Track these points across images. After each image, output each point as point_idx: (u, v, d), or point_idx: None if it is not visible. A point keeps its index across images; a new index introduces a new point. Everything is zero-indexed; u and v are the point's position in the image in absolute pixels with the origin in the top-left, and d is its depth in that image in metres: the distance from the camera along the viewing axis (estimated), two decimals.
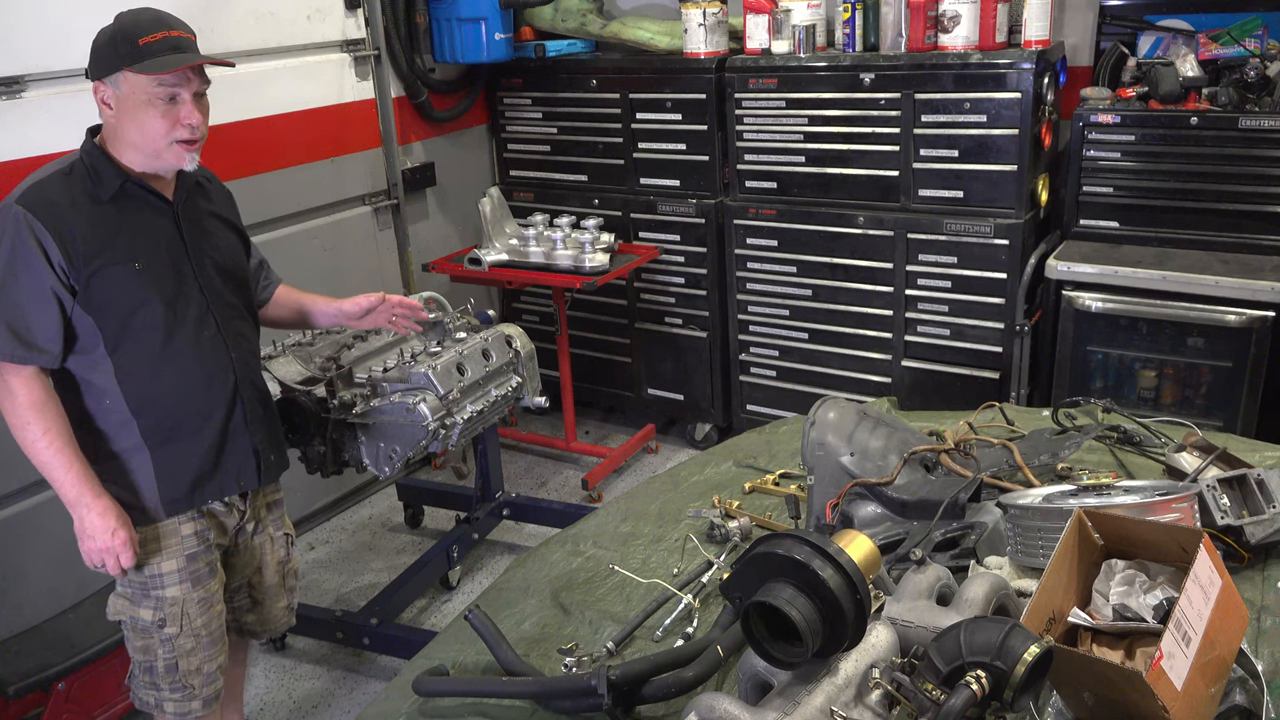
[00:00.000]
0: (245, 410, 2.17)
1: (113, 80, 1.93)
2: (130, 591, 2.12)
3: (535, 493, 4.20)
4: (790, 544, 1.27)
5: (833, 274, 3.94)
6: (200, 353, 2.09)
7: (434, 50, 4.26)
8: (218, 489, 2.16)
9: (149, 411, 2.04)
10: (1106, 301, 3.39)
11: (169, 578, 2.11)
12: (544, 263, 3.98)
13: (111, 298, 1.96)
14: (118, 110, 1.95)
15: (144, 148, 1.97)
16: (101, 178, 1.97)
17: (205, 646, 2.17)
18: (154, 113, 1.93)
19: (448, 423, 2.78)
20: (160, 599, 2.11)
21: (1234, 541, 1.68)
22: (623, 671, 1.46)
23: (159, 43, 1.92)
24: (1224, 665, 1.35)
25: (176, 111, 1.95)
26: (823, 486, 1.91)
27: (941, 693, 1.22)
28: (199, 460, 2.11)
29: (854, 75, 3.68)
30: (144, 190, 2.03)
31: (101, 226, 1.96)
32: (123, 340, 1.99)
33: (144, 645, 2.14)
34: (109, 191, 1.97)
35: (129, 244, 1.99)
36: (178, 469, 2.09)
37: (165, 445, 2.07)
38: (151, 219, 2.04)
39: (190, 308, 2.07)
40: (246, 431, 2.18)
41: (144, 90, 1.92)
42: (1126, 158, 3.43)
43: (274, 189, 3.68)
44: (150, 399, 2.04)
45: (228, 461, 2.16)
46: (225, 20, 3.44)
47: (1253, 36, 3.36)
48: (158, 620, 2.11)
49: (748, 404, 4.32)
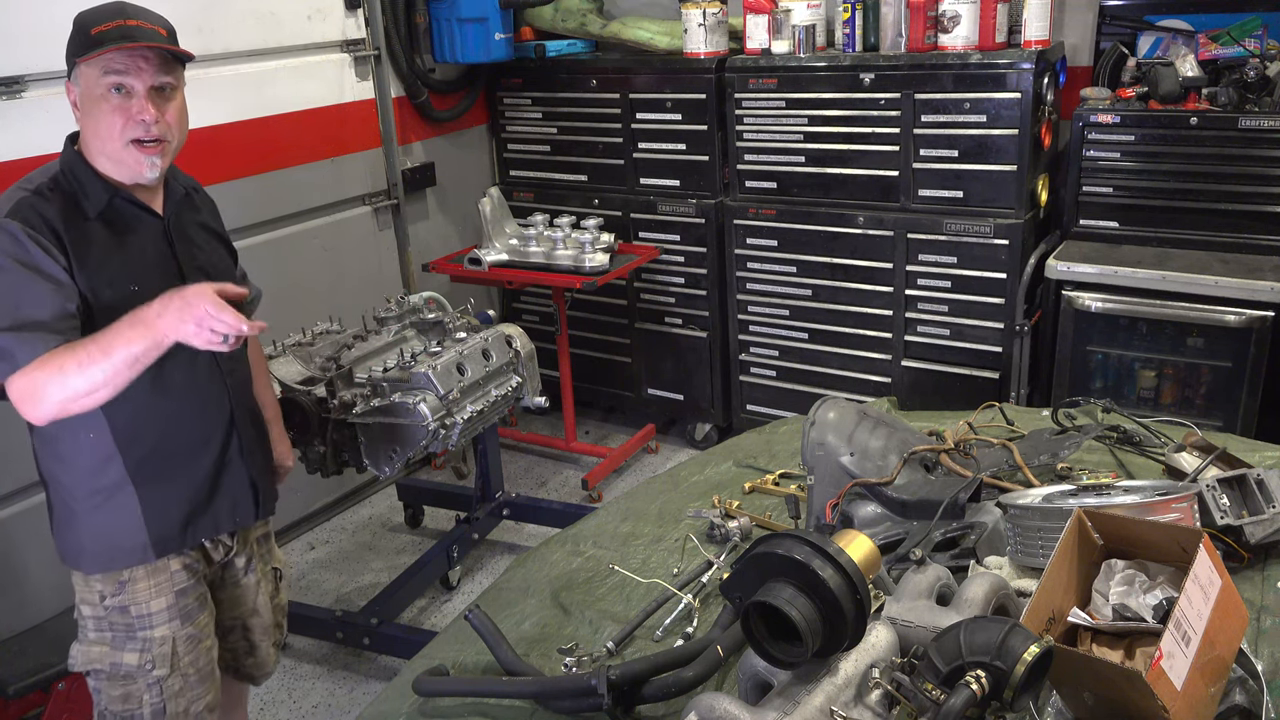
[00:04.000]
0: (241, 440, 2.02)
1: (74, 77, 1.79)
2: (111, 636, 1.94)
3: (535, 493, 4.20)
4: (790, 544, 1.27)
5: (833, 274, 3.94)
6: (194, 380, 1.93)
7: (434, 50, 4.26)
8: (211, 526, 2.00)
9: (138, 445, 1.88)
10: (1106, 301, 3.39)
11: (158, 617, 1.95)
12: (544, 263, 3.99)
13: (105, 322, 1.74)
14: (81, 110, 1.80)
15: (104, 150, 1.80)
16: (87, 191, 1.81)
17: (194, 685, 2.00)
18: (106, 107, 1.76)
19: (448, 423, 2.78)
20: (148, 640, 1.94)
21: (1234, 541, 1.68)
22: (623, 671, 1.45)
23: (111, 30, 1.74)
24: (1224, 665, 1.35)
25: (129, 106, 1.76)
26: (823, 486, 1.91)
27: (941, 693, 1.22)
28: (191, 496, 1.96)
29: (854, 75, 3.68)
30: (133, 205, 1.87)
31: (94, 246, 1.79)
32: None
33: (125, 694, 1.95)
34: (96, 207, 1.81)
35: (123, 265, 1.82)
36: (168, 506, 1.93)
37: (154, 481, 1.91)
38: (143, 236, 1.88)
39: None
40: (243, 462, 2.03)
41: (95, 83, 1.76)
42: (1126, 158, 3.43)
43: (274, 189, 3.68)
44: (140, 432, 1.87)
45: (223, 496, 2.01)
46: (225, 20, 3.44)
47: (1253, 36, 3.36)
48: (145, 663, 1.94)
49: (748, 404, 4.32)
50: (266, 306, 2.25)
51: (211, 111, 3.37)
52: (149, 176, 1.83)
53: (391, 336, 3.09)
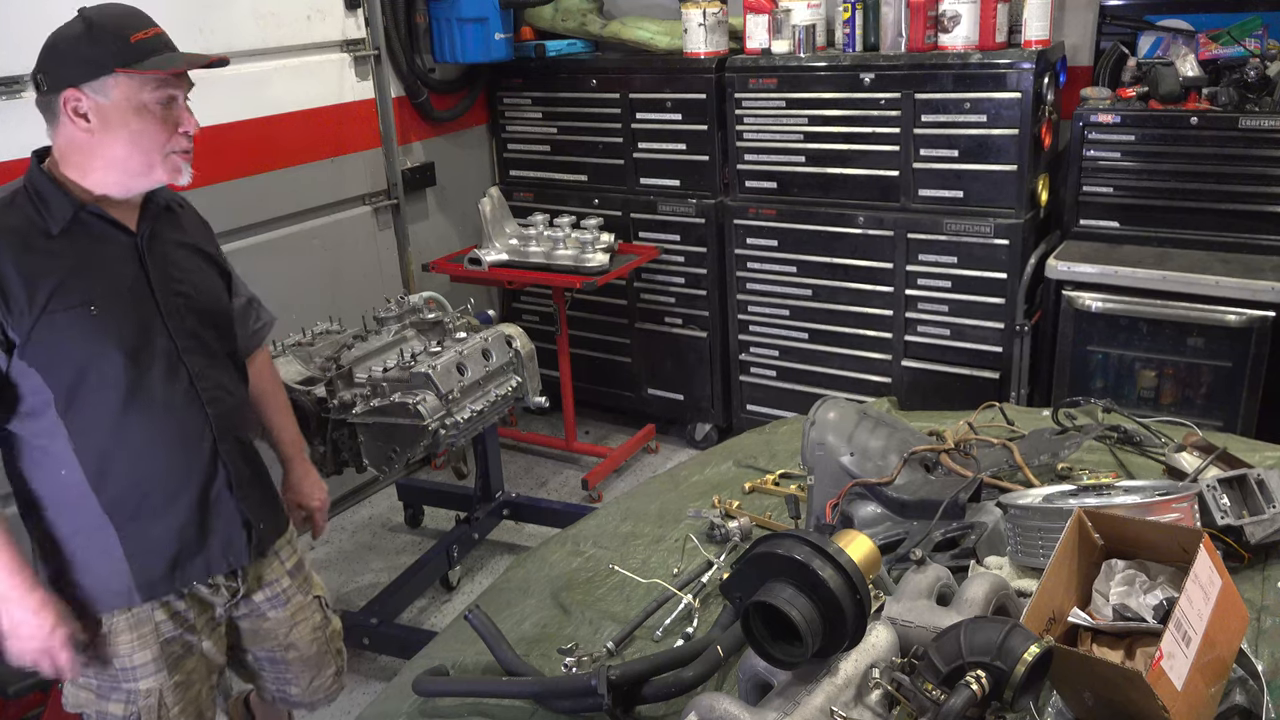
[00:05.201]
0: (229, 473, 1.89)
1: (97, 86, 1.69)
2: (96, 685, 1.86)
3: (535, 493, 4.20)
4: (790, 544, 1.26)
5: (833, 274, 3.94)
6: (170, 410, 1.80)
7: (434, 50, 4.26)
8: (203, 569, 1.88)
9: (111, 482, 1.77)
10: (1106, 301, 3.39)
11: (142, 670, 1.84)
12: (544, 263, 3.99)
13: (63, 348, 1.68)
14: (100, 122, 1.70)
15: (132, 164, 1.73)
16: (50, 206, 1.71)
17: None
18: (151, 120, 1.71)
19: (448, 423, 2.78)
20: (133, 692, 1.85)
21: (1234, 541, 1.68)
22: (623, 671, 1.45)
23: (153, 39, 1.71)
24: (1224, 665, 1.34)
25: (175, 117, 1.74)
26: (823, 486, 1.91)
27: (941, 693, 1.22)
28: (176, 535, 1.83)
29: (854, 75, 3.67)
30: (102, 220, 1.76)
31: (50, 264, 1.68)
32: (75, 399, 1.71)
33: None
34: (59, 223, 1.71)
35: (82, 284, 1.71)
36: (151, 547, 1.81)
37: (134, 520, 1.79)
38: (111, 253, 1.77)
39: (156, 358, 1.78)
40: (233, 499, 1.90)
41: (138, 95, 1.70)
42: (1126, 158, 3.43)
43: (274, 189, 3.68)
44: (111, 467, 1.76)
45: (213, 535, 1.88)
46: (225, 20, 3.44)
47: (1253, 36, 3.36)
48: (130, 714, 1.86)
49: (748, 404, 4.32)
50: (267, 304, 2.24)
51: (211, 111, 3.34)
52: (184, 180, 1.79)
53: (391, 336, 3.09)
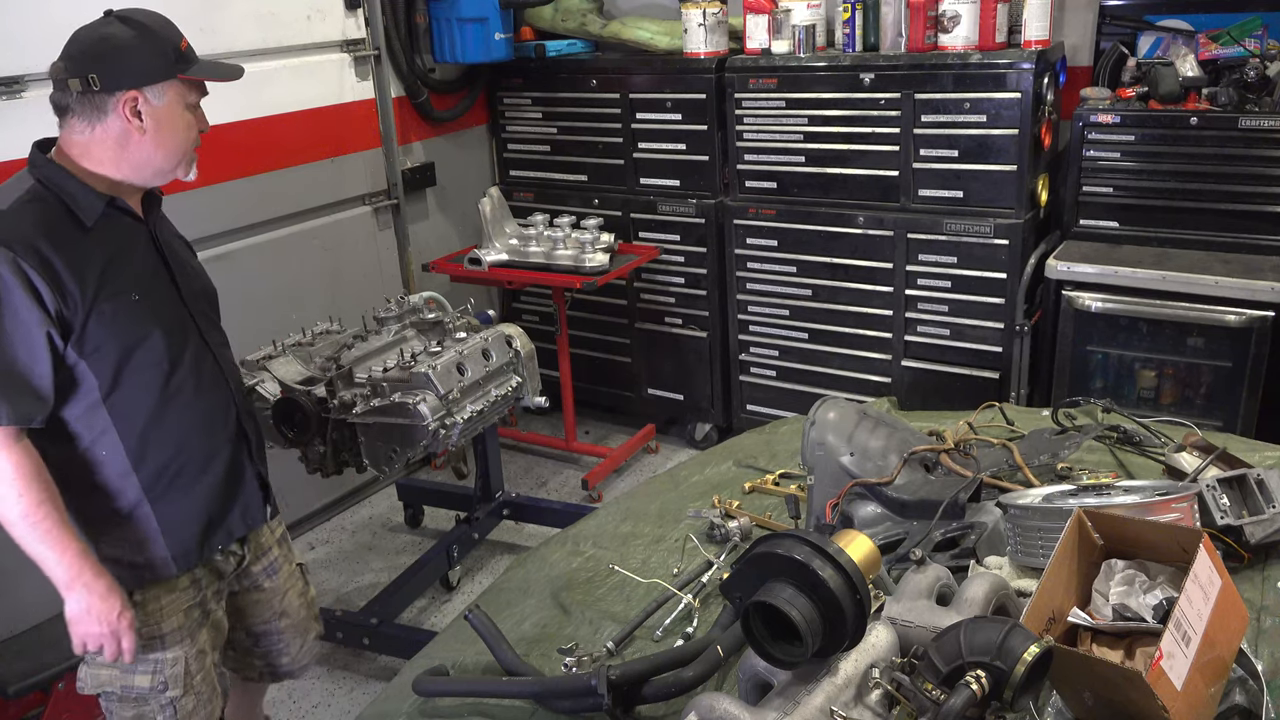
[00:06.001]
0: (250, 443, 2.06)
1: (157, 90, 1.79)
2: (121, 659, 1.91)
3: (535, 493, 4.20)
4: (790, 544, 1.27)
5: (832, 274, 3.94)
6: (200, 386, 1.93)
7: (434, 50, 4.26)
8: (226, 535, 2.01)
9: (151, 460, 1.87)
10: (1106, 301, 3.39)
11: (170, 637, 1.94)
12: (544, 263, 3.99)
13: (110, 336, 1.78)
14: (153, 123, 1.80)
15: (169, 162, 1.85)
16: (80, 202, 1.78)
17: (205, 703, 2.01)
18: (186, 121, 1.86)
19: (448, 423, 2.78)
20: (161, 661, 1.93)
21: (1234, 541, 1.68)
22: (623, 671, 1.46)
23: (189, 49, 1.86)
24: (1224, 665, 1.35)
25: (196, 118, 1.90)
26: (823, 486, 1.91)
27: (941, 693, 1.22)
28: (206, 506, 1.96)
29: (854, 75, 3.67)
30: (124, 212, 1.86)
31: (90, 257, 1.77)
32: (120, 383, 1.81)
33: (137, 714, 1.95)
34: (91, 216, 1.79)
35: (121, 273, 1.81)
36: (184, 519, 1.93)
37: (168, 495, 1.90)
38: (135, 243, 1.87)
39: (189, 338, 1.92)
40: (252, 465, 2.06)
41: (184, 99, 1.85)
42: (1126, 158, 3.43)
43: (274, 189, 3.68)
44: (151, 446, 1.86)
45: (235, 502, 2.02)
46: (225, 20, 3.45)
47: (1253, 36, 3.36)
48: (158, 684, 1.93)
49: (748, 404, 4.32)
50: (267, 306, 2.24)
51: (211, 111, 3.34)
52: (192, 176, 1.92)
53: (391, 336, 3.08)
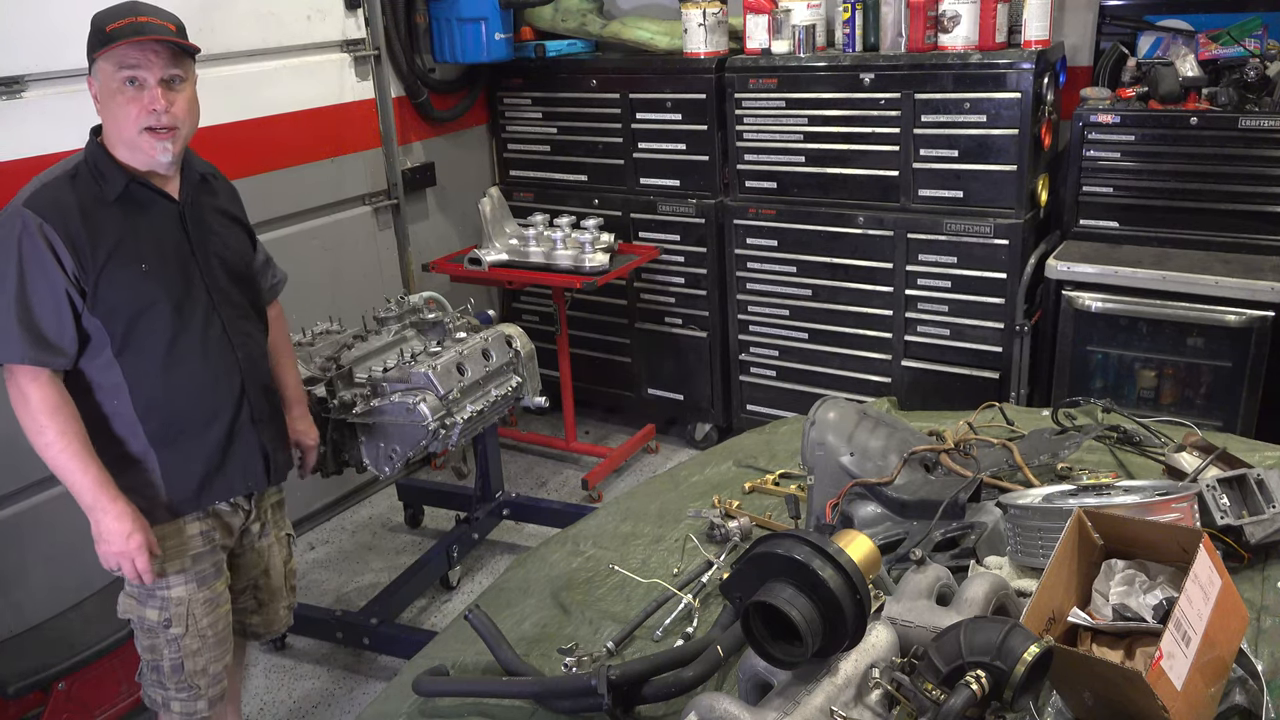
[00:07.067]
0: (253, 409, 2.18)
1: (94, 72, 1.96)
2: (137, 591, 2.12)
3: (535, 493, 4.20)
4: (790, 544, 1.27)
5: (833, 274, 3.94)
6: (206, 353, 2.09)
7: (434, 50, 4.26)
8: (225, 489, 2.16)
9: (155, 414, 2.05)
10: (1106, 301, 3.39)
11: (174, 579, 2.11)
12: (544, 263, 3.98)
13: (119, 300, 1.97)
14: (99, 103, 1.97)
15: (121, 139, 1.97)
16: (106, 178, 1.98)
17: (211, 647, 2.17)
18: (121, 99, 1.93)
19: (448, 423, 2.78)
20: (165, 599, 2.11)
21: (1234, 541, 1.68)
22: (623, 671, 1.46)
23: (124, 27, 1.91)
24: (1224, 665, 1.35)
25: (142, 97, 1.93)
26: (823, 486, 1.91)
27: (941, 693, 1.22)
28: (205, 461, 2.11)
29: (854, 75, 3.67)
30: (149, 190, 2.03)
31: (108, 228, 1.96)
32: (130, 343, 1.99)
33: (151, 645, 2.15)
34: (114, 192, 1.98)
35: (135, 245, 1.99)
36: (184, 470, 2.09)
37: (171, 446, 2.07)
38: (157, 219, 2.04)
39: (197, 308, 2.07)
40: (254, 431, 2.19)
41: (111, 76, 1.93)
42: (1126, 158, 3.43)
43: (274, 189, 3.68)
44: (157, 401, 2.04)
45: (235, 462, 2.16)
46: (225, 20, 3.45)
47: (1253, 36, 3.36)
48: (163, 620, 2.12)
49: (748, 404, 4.32)
50: None
51: (212, 111, 3.32)
52: (163, 161, 2.00)
53: (391, 336, 3.09)
